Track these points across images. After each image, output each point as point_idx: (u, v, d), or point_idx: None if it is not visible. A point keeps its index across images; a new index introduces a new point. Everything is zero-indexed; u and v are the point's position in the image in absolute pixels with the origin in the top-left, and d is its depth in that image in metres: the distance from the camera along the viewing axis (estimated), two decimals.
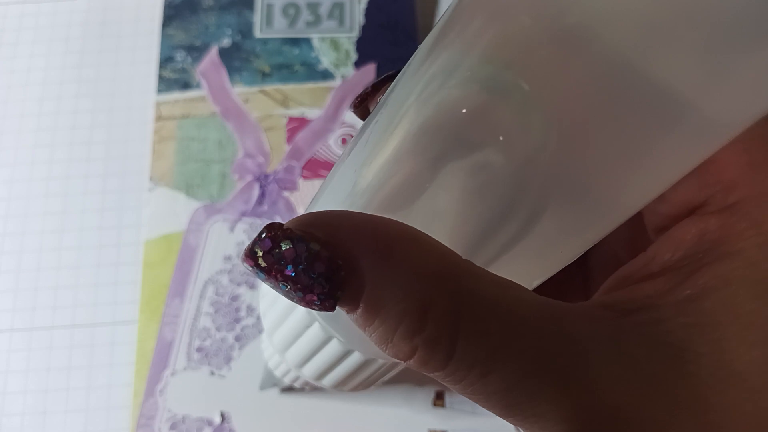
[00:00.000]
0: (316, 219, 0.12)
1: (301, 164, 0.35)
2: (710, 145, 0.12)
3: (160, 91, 0.36)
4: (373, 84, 0.17)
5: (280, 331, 0.21)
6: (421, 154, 0.13)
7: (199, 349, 0.31)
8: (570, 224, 0.13)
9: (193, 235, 0.33)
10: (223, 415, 0.30)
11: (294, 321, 0.20)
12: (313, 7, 0.38)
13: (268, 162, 0.35)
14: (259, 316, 0.31)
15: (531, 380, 0.11)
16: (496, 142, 0.13)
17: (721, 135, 0.12)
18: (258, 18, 0.38)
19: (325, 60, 0.36)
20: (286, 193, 0.34)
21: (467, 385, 0.12)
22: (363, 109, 0.18)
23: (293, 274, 0.11)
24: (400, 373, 0.22)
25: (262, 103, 0.36)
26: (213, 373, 0.30)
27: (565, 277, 0.15)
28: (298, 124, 0.35)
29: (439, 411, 0.30)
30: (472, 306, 0.11)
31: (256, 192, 0.34)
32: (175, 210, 0.33)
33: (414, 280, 0.11)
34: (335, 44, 0.37)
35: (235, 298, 0.32)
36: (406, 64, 0.14)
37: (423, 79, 0.13)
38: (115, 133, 0.36)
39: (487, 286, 0.12)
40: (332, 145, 0.35)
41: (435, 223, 0.13)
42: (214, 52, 0.37)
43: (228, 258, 0.33)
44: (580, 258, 0.15)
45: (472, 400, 0.12)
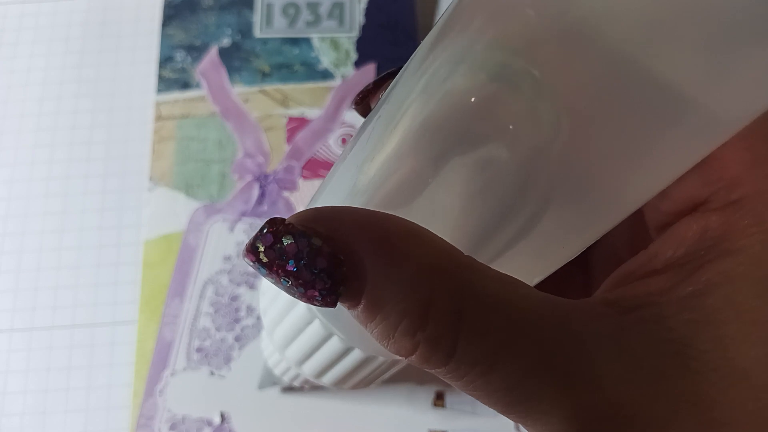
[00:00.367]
0: (318, 214, 0.12)
1: (301, 164, 0.34)
2: (713, 140, 0.12)
3: (160, 91, 0.36)
4: (374, 81, 0.17)
5: (280, 328, 0.21)
6: (426, 149, 0.13)
7: (199, 350, 0.31)
8: (574, 220, 0.13)
9: (193, 235, 0.33)
10: (223, 416, 0.30)
11: (294, 318, 0.20)
12: (313, 7, 0.38)
13: (268, 162, 0.35)
14: (259, 316, 0.31)
15: (533, 378, 0.11)
16: (504, 134, 0.12)
17: (725, 130, 0.12)
18: (258, 18, 0.38)
19: (325, 60, 0.36)
20: (286, 193, 0.34)
21: (469, 382, 0.11)
22: (364, 106, 0.18)
23: (295, 269, 0.11)
24: (401, 372, 0.22)
25: (261, 103, 0.36)
26: (213, 373, 0.30)
27: (566, 275, 0.15)
28: (298, 124, 0.35)
29: (439, 411, 0.30)
30: (474, 302, 0.11)
31: (256, 192, 0.34)
32: (174, 210, 0.33)
33: (416, 276, 0.11)
34: (335, 44, 0.37)
35: (235, 298, 0.32)
36: (409, 60, 0.14)
37: (428, 72, 0.13)
38: (115, 133, 0.36)
39: (489, 283, 0.11)
40: (332, 145, 0.35)
41: (438, 219, 0.13)
42: (213, 52, 0.37)
43: (228, 258, 0.32)
44: (581, 256, 0.15)
45: (473, 396, 0.12)
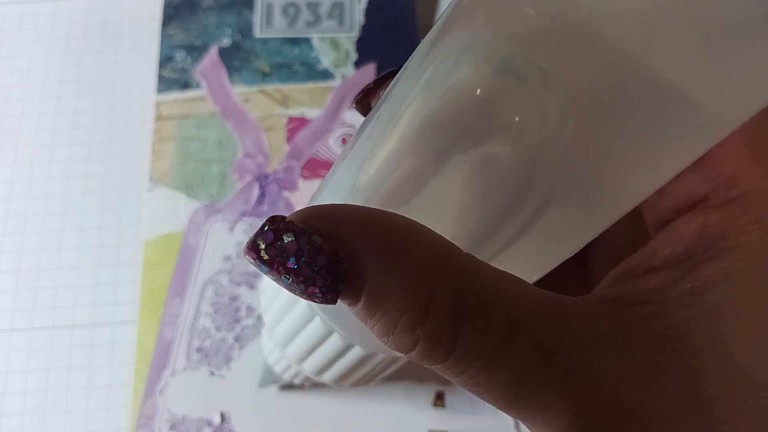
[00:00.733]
0: (318, 212, 0.12)
1: (301, 164, 0.34)
2: (712, 137, 0.12)
3: (160, 91, 0.36)
4: (375, 80, 0.17)
5: (281, 325, 0.21)
6: (427, 146, 0.13)
7: (199, 350, 0.31)
8: (574, 217, 0.13)
9: (193, 235, 0.33)
10: (223, 416, 0.30)
11: (295, 315, 0.20)
12: (313, 7, 0.38)
13: (268, 162, 0.35)
14: (259, 316, 0.31)
15: (533, 374, 0.11)
16: (509, 129, 0.12)
17: (723, 127, 0.12)
18: (258, 18, 0.38)
19: (325, 60, 0.36)
20: (286, 193, 0.34)
21: (468, 378, 0.12)
22: (365, 105, 0.18)
23: (295, 266, 0.11)
24: (401, 372, 0.22)
25: (261, 103, 0.36)
26: (213, 373, 0.30)
27: (565, 272, 0.15)
28: (297, 124, 0.35)
29: (439, 411, 0.30)
30: (474, 300, 0.11)
31: (256, 192, 0.34)
32: (174, 210, 0.33)
33: (416, 273, 0.11)
34: (335, 44, 0.37)
35: (235, 298, 0.32)
36: (409, 58, 0.14)
37: (429, 68, 0.13)
38: (115, 133, 0.36)
39: (489, 280, 0.12)
40: (332, 145, 0.35)
41: (438, 217, 0.13)
42: (213, 52, 0.37)
43: (228, 258, 0.32)
44: (580, 253, 0.15)
45: (472, 392, 0.12)
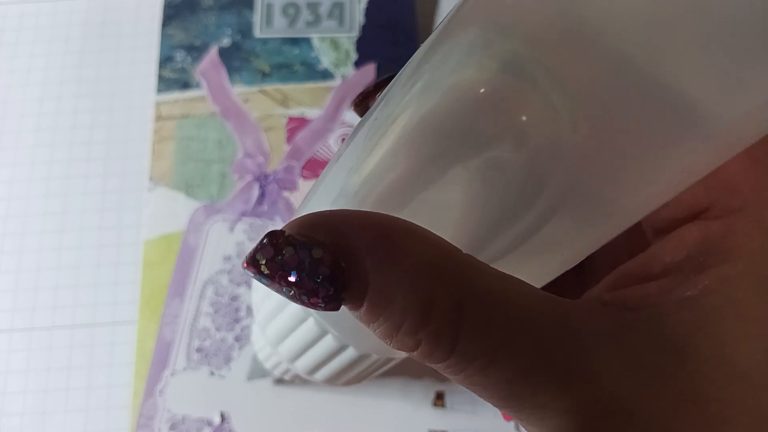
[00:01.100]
0: (316, 221, 0.12)
1: (301, 164, 0.34)
2: (725, 149, 0.12)
3: (160, 91, 0.36)
4: (374, 83, 0.17)
5: (273, 324, 0.21)
6: (425, 148, 0.13)
7: (199, 350, 0.31)
8: (577, 227, 0.13)
9: (193, 235, 0.33)
10: (223, 416, 0.30)
11: (288, 315, 0.20)
12: (313, 7, 0.38)
13: (268, 162, 0.35)
14: None
15: (533, 374, 0.11)
16: (513, 129, 0.12)
17: (736, 138, 0.12)
18: (258, 18, 0.38)
19: (325, 60, 0.36)
20: (286, 193, 0.34)
21: (467, 377, 0.12)
22: (363, 108, 0.18)
23: (297, 279, 0.11)
24: (401, 372, 0.22)
25: (261, 103, 0.36)
26: (213, 373, 0.30)
27: (560, 275, 0.15)
28: (298, 124, 0.35)
29: (439, 411, 0.30)
30: (474, 299, 0.11)
31: (256, 192, 0.34)
32: (174, 210, 0.33)
33: (416, 274, 0.11)
34: (335, 44, 0.37)
35: (235, 298, 0.32)
36: (408, 61, 0.14)
37: (429, 70, 0.13)
38: (115, 133, 0.36)
39: (489, 280, 0.12)
40: (332, 145, 0.35)
41: (436, 221, 0.13)
42: (213, 52, 0.37)
43: (228, 258, 0.32)
44: None
45: (471, 390, 0.12)
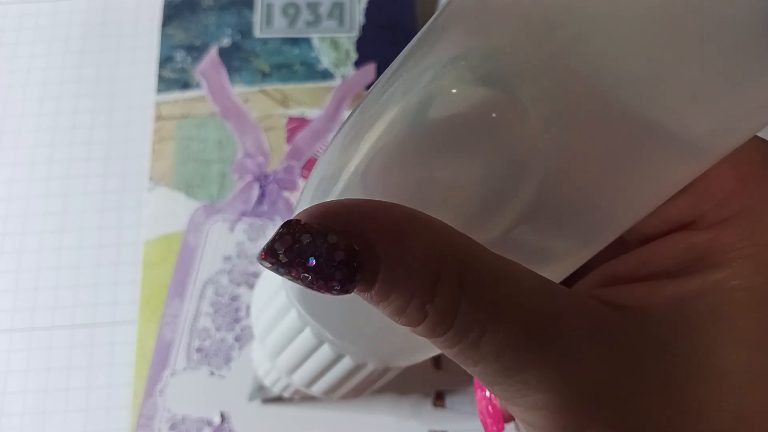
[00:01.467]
0: (329, 209, 0.12)
1: (301, 164, 0.34)
2: (696, 165, 0.12)
3: (160, 91, 0.36)
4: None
5: (271, 336, 0.21)
6: (397, 157, 0.13)
7: (199, 350, 0.31)
8: (553, 233, 0.14)
9: (193, 235, 0.33)
10: (223, 416, 0.30)
11: (285, 327, 0.20)
12: (313, 7, 0.38)
13: (268, 162, 0.35)
14: None
15: (520, 347, 0.12)
16: (488, 136, 0.13)
17: (707, 156, 0.12)
18: (258, 18, 0.38)
19: (325, 60, 0.36)
20: (286, 193, 0.34)
21: (461, 350, 0.12)
22: None
23: (314, 265, 0.11)
24: (401, 372, 0.22)
25: (261, 103, 0.36)
26: (213, 373, 0.30)
27: None
28: (297, 124, 0.35)
29: (439, 411, 0.30)
30: (475, 277, 0.12)
31: (256, 192, 0.34)
32: (174, 210, 0.33)
33: (424, 255, 0.12)
34: (335, 44, 0.37)
35: (235, 298, 0.32)
36: (388, 67, 0.15)
37: (408, 72, 0.13)
38: (115, 133, 0.36)
39: (489, 260, 0.12)
40: None
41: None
42: (213, 52, 0.37)
43: (228, 258, 0.33)
44: None
45: (463, 365, 0.13)
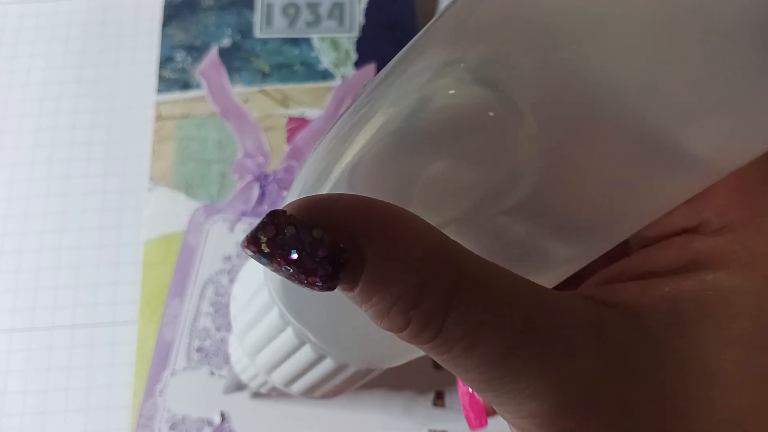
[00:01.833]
0: (317, 203, 0.12)
1: (301, 164, 0.34)
2: (700, 180, 0.12)
3: (160, 91, 0.36)
4: None
5: (251, 334, 0.21)
6: (388, 160, 0.13)
7: (199, 350, 0.31)
8: (544, 247, 0.14)
9: (193, 235, 0.33)
10: (223, 416, 0.30)
11: (267, 325, 0.20)
12: (313, 7, 0.38)
13: (268, 162, 0.35)
14: None
15: (513, 355, 0.12)
16: (483, 140, 0.13)
17: (712, 170, 0.12)
18: (258, 18, 0.38)
19: (325, 60, 0.36)
20: (286, 193, 0.34)
21: (452, 357, 0.12)
22: None
23: (297, 258, 0.11)
24: (402, 372, 0.22)
25: (261, 103, 0.36)
26: (213, 373, 0.30)
27: None
28: (298, 124, 0.35)
29: (439, 411, 0.30)
30: (464, 284, 0.12)
31: (256, 192, 0.34)
32: (174, 210, 0.33)
33: (411, 258, 0.11)
34: (335, 44, 0.37)
35: None
36: (379, 72, 0.15)
37: (398, 81, 0.13)
38: (115, 133, 0.36)
39: (479, 268, 0.12)
40: None
41: None
42: (213, 52, 0.37)
43: (228, 258, 0.33)
44: None
45: (454, 372, 0.12)
